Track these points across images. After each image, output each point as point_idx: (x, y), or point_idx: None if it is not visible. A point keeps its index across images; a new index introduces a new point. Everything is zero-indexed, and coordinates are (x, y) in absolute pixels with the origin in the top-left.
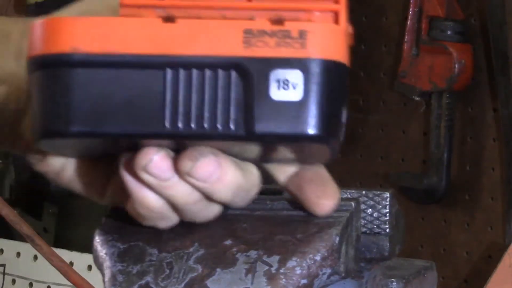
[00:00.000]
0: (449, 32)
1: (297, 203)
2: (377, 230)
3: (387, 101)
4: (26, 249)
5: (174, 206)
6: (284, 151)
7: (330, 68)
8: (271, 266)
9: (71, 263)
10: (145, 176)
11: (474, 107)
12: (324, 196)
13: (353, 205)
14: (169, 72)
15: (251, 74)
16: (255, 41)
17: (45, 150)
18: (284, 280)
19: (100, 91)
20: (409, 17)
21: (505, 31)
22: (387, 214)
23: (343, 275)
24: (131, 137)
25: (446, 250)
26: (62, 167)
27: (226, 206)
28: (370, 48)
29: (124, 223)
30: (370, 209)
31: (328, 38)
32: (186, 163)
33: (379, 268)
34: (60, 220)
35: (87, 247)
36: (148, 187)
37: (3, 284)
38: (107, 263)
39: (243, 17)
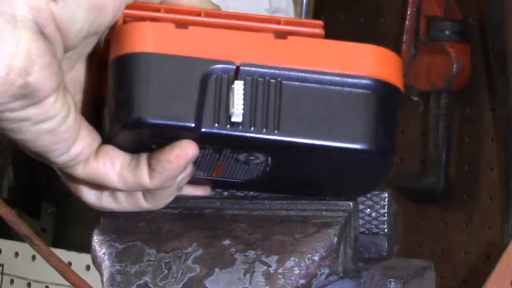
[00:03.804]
0: (447, 32)
1: (296, 203)
2: (375, 230)
3: None
4: (25, 249)
5: None
6: None
7: None
8: (269, 266)
9: (70, 263)
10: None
11: (472, 107)
12: None
13: (351, 205)
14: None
15: None
16: None
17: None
18: (282, 280)
19: None
20: (407, 17)
21: (503, 31)
22: (385, 214)
23: (341, 275)
24: None
25: (444, 250)
26: None
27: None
28: None
29: (122, 223)
30: (369, 209)
31: None
32: None
33: (377, 268)
34: (59, 220)
35: (85, 247)
36: None
37: (1, 284)
38: (105, 263)
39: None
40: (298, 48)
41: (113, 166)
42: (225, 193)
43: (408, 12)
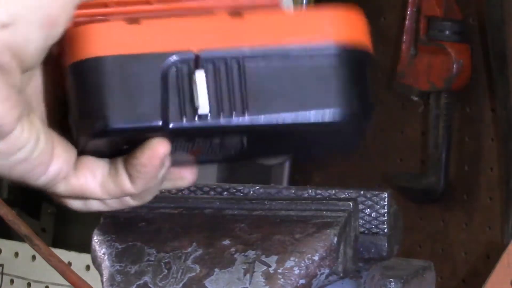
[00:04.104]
0: (447, 32)
1: (296, 203)
2: (375, 230)
3: (385, 101)
4: (24, 249)
5: None
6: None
7: None
8: (269, 266)
9: (69, 263)
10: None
11: (472, 107)
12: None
13: (351, 205)
14: None
15: None
16: None
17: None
18: (282, 280)
19: None
20: (407, 17)
21: (503, 31)
22: (385, 214)
23: (341, 275)
24: None
25: (444, 250)
26: None
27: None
28: None
29: (122, 223)
30: (368, 209)
31: None
32: None
33: (377, 268)
34: (58, 220)
35: (85, 247)
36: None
37: (1, 284)
38: (105, 263)
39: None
40: (256, 25)
41: (94, 178)
42: (225, 193)
43: (408, 12)
